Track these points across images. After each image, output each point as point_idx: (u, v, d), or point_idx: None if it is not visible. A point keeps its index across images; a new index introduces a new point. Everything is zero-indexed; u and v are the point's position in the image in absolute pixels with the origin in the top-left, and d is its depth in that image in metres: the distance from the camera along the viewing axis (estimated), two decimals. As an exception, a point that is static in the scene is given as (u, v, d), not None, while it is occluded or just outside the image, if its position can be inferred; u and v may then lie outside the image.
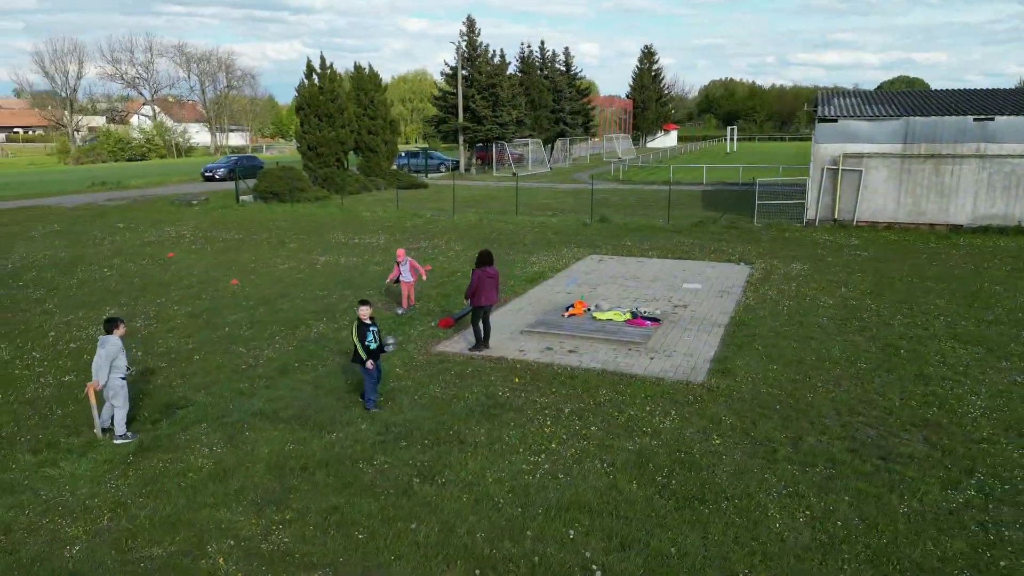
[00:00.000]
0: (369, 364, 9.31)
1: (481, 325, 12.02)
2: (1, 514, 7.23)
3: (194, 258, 20.88)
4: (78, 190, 41.85)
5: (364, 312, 9.41)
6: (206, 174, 46.79)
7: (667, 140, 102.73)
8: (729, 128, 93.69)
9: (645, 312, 13.88)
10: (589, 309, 14.05)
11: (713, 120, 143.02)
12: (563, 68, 68.35)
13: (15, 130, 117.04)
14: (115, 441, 8.87)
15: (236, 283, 17.72)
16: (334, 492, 7.58)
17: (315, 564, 6.43)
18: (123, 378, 8.94)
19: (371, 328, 9.43)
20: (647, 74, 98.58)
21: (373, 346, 9.39)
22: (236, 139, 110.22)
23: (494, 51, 53.01)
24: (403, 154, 54.02)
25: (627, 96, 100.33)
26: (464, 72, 49.76)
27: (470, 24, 49.92)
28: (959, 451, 8.42)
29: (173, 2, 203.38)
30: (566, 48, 76.16)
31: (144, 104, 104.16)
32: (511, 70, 57.35)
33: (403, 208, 30.24)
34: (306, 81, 35.83)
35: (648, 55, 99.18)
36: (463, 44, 49.89)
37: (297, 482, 7.81)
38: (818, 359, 11.54)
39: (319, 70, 35.90)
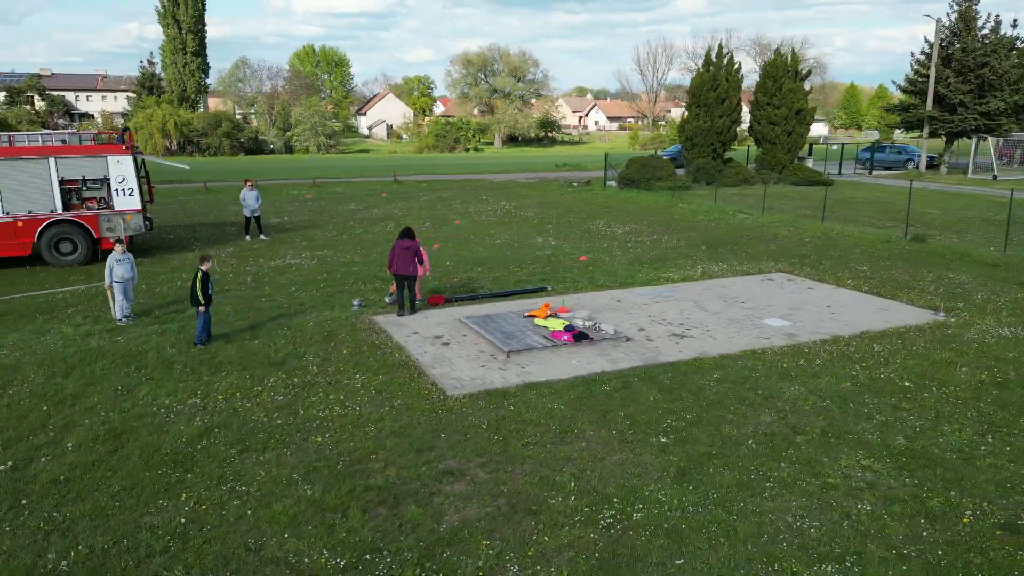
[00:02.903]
0: (201, 309, 11.66)
1: (405, 293, 13.25)
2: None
3: (469, 226, 24.70)
4: (547, 169, 50.39)
5: (206, 266, 11.74)
6: (650, 160, 50.38)
7: None
8: None
9: (603, 329, 12.09)
10: (554, 315, 12.89)
11: None
12: None
13: (628, 120, 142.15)
14: (118, 321, 13.35)
15: (437, 247, 21.00)
16: (81, 378, 10.43)
17: (-15, 408, 9.60)
18: (118, 282, 13.28)
19: (211, 280, 11.71)
20: None
21: (211, 293, 11.68)
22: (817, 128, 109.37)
23: (1015, 20, 41.74)
24: (875, 147, 47.66)
25: None
26: (950, 51, 40.89)
27: (967, -10, 40.38)
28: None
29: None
30: None
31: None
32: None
33: (719, 204, 28.37)
34: (700, 70, 35.76)
35: None
36: (952, 17, 40.85)
37: (89, 369, 10.84)
38: (634, 425, 8.86)
39: (714, 60, 35.36)
